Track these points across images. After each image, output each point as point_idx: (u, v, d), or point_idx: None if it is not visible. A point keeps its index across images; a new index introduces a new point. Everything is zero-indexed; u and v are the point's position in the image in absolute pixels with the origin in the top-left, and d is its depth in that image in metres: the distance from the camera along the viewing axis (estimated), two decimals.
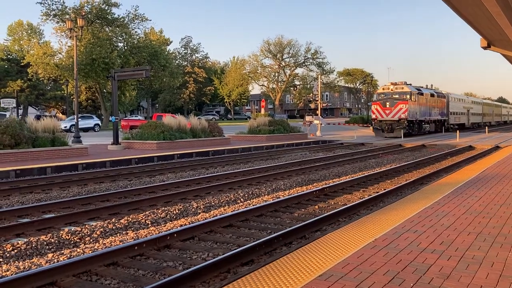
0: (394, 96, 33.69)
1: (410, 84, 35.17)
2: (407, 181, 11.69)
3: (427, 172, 14.12)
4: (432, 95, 38.06)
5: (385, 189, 10.65)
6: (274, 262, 4.56)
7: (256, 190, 10.94)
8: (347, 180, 12.01)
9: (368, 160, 18.21)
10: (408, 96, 33.27)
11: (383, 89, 35.45)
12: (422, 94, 35.39)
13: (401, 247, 4.91)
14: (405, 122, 32.07)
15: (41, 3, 45.10)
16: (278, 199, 9.23)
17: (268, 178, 13.02)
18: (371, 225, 6.00)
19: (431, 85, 47.84)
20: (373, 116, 34.07)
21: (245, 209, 8.25)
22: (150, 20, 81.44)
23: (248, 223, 7.61)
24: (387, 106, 32.82)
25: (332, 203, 9.40)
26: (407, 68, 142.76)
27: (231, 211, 8.32)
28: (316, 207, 8.94)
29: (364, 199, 9.18)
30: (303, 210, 8.69)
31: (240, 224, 7.48)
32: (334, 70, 79.45)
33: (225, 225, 7.32)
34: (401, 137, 30.59)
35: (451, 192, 8.44)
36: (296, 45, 76.58)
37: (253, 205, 8.85)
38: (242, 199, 9.90)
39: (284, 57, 76.71)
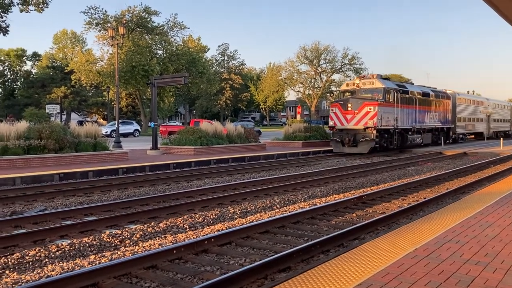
0: (361, 94, 24.42)
1: (388, 79, 26.49)
2: (448, 190, 11.36)
3: (468, 180, 13.69)
4: (425, 95, 28.82)
5: (425, 198, 10.39)
6: (312, 269, 4.53)
7: (292, 196, 10.91)
8: (385, 188, 11.80)
9: (407, 168, 17.83)
10: (379, 95, 23.78)
11: (347, 85, 26.12)
12: (406, 92, 26.15)
13: (443, 258, 4.78)
14: (374, 131, 22.93)
15: (84, 13, 46.77)
16: (315, 206, 9.16)
17: (304, 184, 12.95)
18: (411, 234, 5.86)
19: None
20: (331, 123, 24.60)
21: (282, 215, 8.23)
22: (189, 28, 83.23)
23: (285, 230, 7.58)
24: (349, 108, 23.58)
25: (370, 211, 9.25)
26: (447, 73, 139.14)
27: (268, 217, 8.32)
28: (354, 215, 8.82)
29: (403, 208, 8.99)
30: (340, 217, 8.59)
31: (276, 231, 7.47)
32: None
33: (261, 231, 7.32)
34: (366, 152, 23.03)
35: (495, 202, 8.14)
36: (333, 51, 75.93)
37: (289, 212, 8.83)
38: (278, 206, 9.89)
39: (320, 63, 76.25)
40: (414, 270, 4.37)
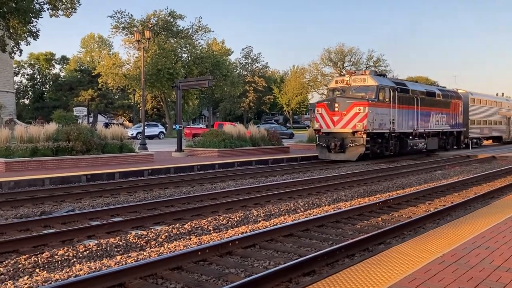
0: (351, 93, 21.25)
1: (384, 75, 24.12)
2: (476, 195, 11.11)
3: (498, 185, 13.35)
4: (430, 94, 25.42)
5: (452, 202, 10.19)
6: (337, 273, 4.49)
7: (316, 200, 10.84)
8: (411, 192, 11.62)
9: (433, 172, 17.51)
10: (372, 94, 20.76)
11: (336, 82, 22.60)
12: (405, 91, 22.96)
13: (472, 264, 4.68)
14: (364, 135, 20.03)
15: (111, 17, 47.68)
16: (340, 210, 9.09)
17: (329, 188, 12.86)
18: (438, 239, 5.76)
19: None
20: (316, 126, 21.68)
21: (306, 219, 8.20)
22: (213, 31, 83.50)
23: (309, 233, 7.55)
24: (336, 109, 20.41)
25: (396, 215, 9.12)
26: (476, 75, 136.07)
27: (292, 221, 8.30)
28: (379, 219, 8.72)
29: (430, 212, 8.84)
30: (365, 221, 8.50)
31: (300, 234, 7.44)
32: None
33: (285, 234, 7.30)
34: (354, 159, 20.21)
35: None
36: (358, 53, 75.47)
37: (313, 215, 8.78)
38: (302, 209, 9.85)
39: (345, 65, 75.79)
40: (442, 276, 4.29)
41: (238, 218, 8.65)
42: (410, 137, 23.23)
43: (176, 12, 49.22)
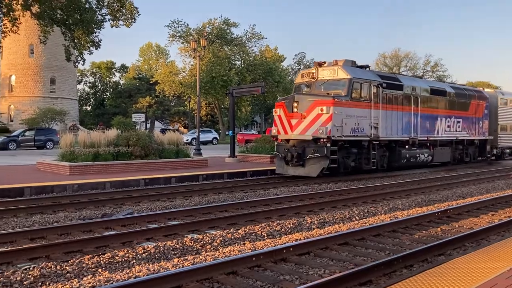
0: (318, 89, 16.68)
1: (365, 67, 18.24)
2: None
3: None
4: (437, 92, 20.43)
5: None
6: (395, 284, 4.38)
7: (372, 208, 10.62)
8: (472, 202, 11.12)
9: (496, 181, 16.67)
10: (341, 90, 16.07)
11: (302, 76, 17.78)
12: (396, 87, 18.12)
13: None
14: (328, 143, 15.27)
15: (168, 26, 49.12)
16: (397, 219, 8.85)
17: (385, 196, 12.56)
18: (504, 252, 5.47)
19: None
20: (273, 131, 17.21)
21: (361, 227, 8.05)
22: (266, 38, 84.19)
23: (365, 242, 7.40)
24: (295, 110, 15.97)
25: (457, 226, 8.75)
26: None
27: (347, 229, 8.17)
28: (439, 229, 8.39)
29: (493, 224, 8.41)
30: (424, 232, 8.22)
31: (356, 243, 7.30)
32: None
33: (340, 243, 7.20)
34: (315, 175, 15.62)
35: None
36: (414, 58, 73.49)
37: (369, 224, 8.60)
38: (357, 217, 9.68)
39: (401, 70, 73.91)
40: None
41: (291, 225, 8.62)
42: (406, 146, 18.64)
43: (230, 20, 50.10)
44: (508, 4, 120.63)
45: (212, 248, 7.07)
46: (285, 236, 7.89)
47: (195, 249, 7.01)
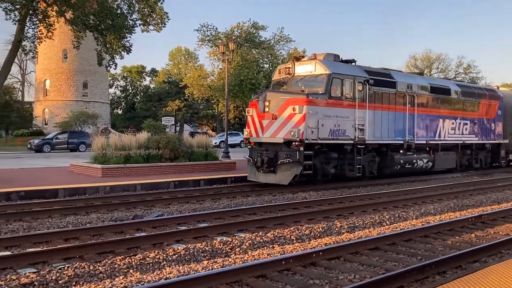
0: (293, 87, 15.08)
1: (351, 62, 16.25)
2: None
3: None
4: (438, 91, 18.48)
5: None
6: None
7: (403, 213, 10.44)
8: (508, 207, 10.78)
9: None
10: (319, 88, 14.40)
11: (280, 72, 15.97)
12: (387, 84, 16.18)
13: None
14: (301, 147, 13.64)
15: (198, 30, 49.63)
16: (428, 224, 8.67)
17: (416, 201, 12.34)
18: None
19: None
20: (245, 133, 15.80)
21: (392, 232, 7.92)
22: (294, 41, 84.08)
23: (396, 247, 7.27)
24: (266, 109, 14.51)
25: (491, 232, 8.50)
26: None
27: (377, 234, 8.05)
28: (473, 235, 8.18)
29: None
30: (457, 237, 8.02)
31: (387, 248, 7.19)
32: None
33: (371, 248, 7.10)
34: (286, 183, 14.02)
35: None
36: (446, 59, 71.92)
37: (400, 229, 8.45)
38: (387, 222, 9.54)
39: (432, 73, 72.49)
40: None
41: (320, 229, 8.56)
42: (401, 151, 16.80)
43: (259, 23, 50.24)
44: None
45: (241, 251, 7.09)
46: (314, 240, 7.84)
47: (224, 251, 7.04)
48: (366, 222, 9.37)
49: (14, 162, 23.10)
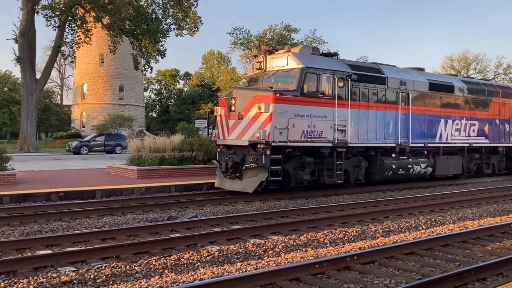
0: (264, 83, 13.73)
1: (335, 56, 14.97)
2: None
3: None
4: (439, 88, 16.71)
5: None
6: None
7: (439, 217, 10.20)
8: None
9: None
10: (291, 84, 13.03)
11: (253, 67, 14.50)
12: (374, 79, 14.58)
13: None
14: (268, 151, 12.18)
15: (230, 33, 50.06)
16: (467, 229, 8.44)
17: (453, 205, 12.03)
18: None
19: None
20: (213, 135, 14.13)
21: (429, 237, 7.75)
22: (327, 43, 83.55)
23: (433, 253, 7.10)
24: (232, 108, 13.26)
25: None
26: None
27: (413, 238, 7.89)
28: None
29: None
30: (497, 243, 7.76)
31: (423, 253, 7.03)
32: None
33: (406, 252, 6.96)
34: (251, 191, 12.60)
35: None
36: (484, 60, 69.83)
37: (437, 234, 8.25)
38: (424, 226, 9.33)
39: (470, 73, 70.52)
40: None
41: (355, 233, 8.46)
42: (393, 154, 15.19)
43: (291, 26, 50.19)
44: None
45: (274, 254, 7.09)
46: (348, 244, 7.76)
47: (257, 254, 7.05)
48: (401, 226, 9.20)
49: (53, 164, 23.88)
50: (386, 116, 14.80)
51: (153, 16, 37.27)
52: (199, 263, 6.45)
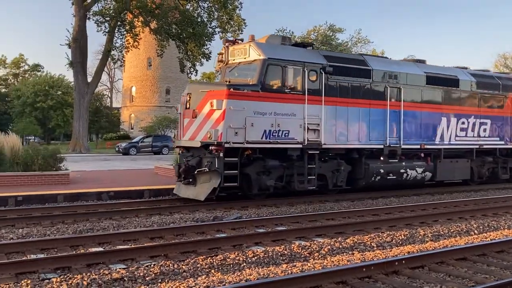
0: (231, 75, 12.29)
1: (310, 46, 13.90)
2: None
3: None
4: (440, 82, 14.78)
5: None
6: None
7: (493, 222, 9.78)
8: None
9: None
10: (251, 78, 11.66)
11: (219, 60, 13.02)
12: (357, 72, 13.02)
13: None
14: (220, 154, 10.85)
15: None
16: None
17: (508, 209, 11.50)
18: None
19: None
20: (173, 135, 13.96)
21: (482, 242, 7.45)
22: (372, 42, 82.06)
23: (486, 259, 6.82)
24: (188, 105, 11.97)
25: None
26: None
27: (464, 243, 7.62)
28: None
29: None
30: None
31: (476, 259, 6.76)
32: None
33: (458, 258, 6.72)
34: (202, 198, 11.28)
35: None
36: None
37: (491, 239, 7.92)
38: (476, 231, 8.98)
39: None
40: None
41: (402, 237, 8.26)
42: (381, 157, 13.55)
43: (336, 26, 49.72)
44: None
45: (320, 256, 7.03)
46: (396, 247, 7.58)
47: (302, 256, 7.02)
48: (452, 230, 8.90)
49: (104, 164, 24.77)
50: (371, 114, 13.16)
51: (199, 20, 37.95)
52: (244, 264, 6.49)
